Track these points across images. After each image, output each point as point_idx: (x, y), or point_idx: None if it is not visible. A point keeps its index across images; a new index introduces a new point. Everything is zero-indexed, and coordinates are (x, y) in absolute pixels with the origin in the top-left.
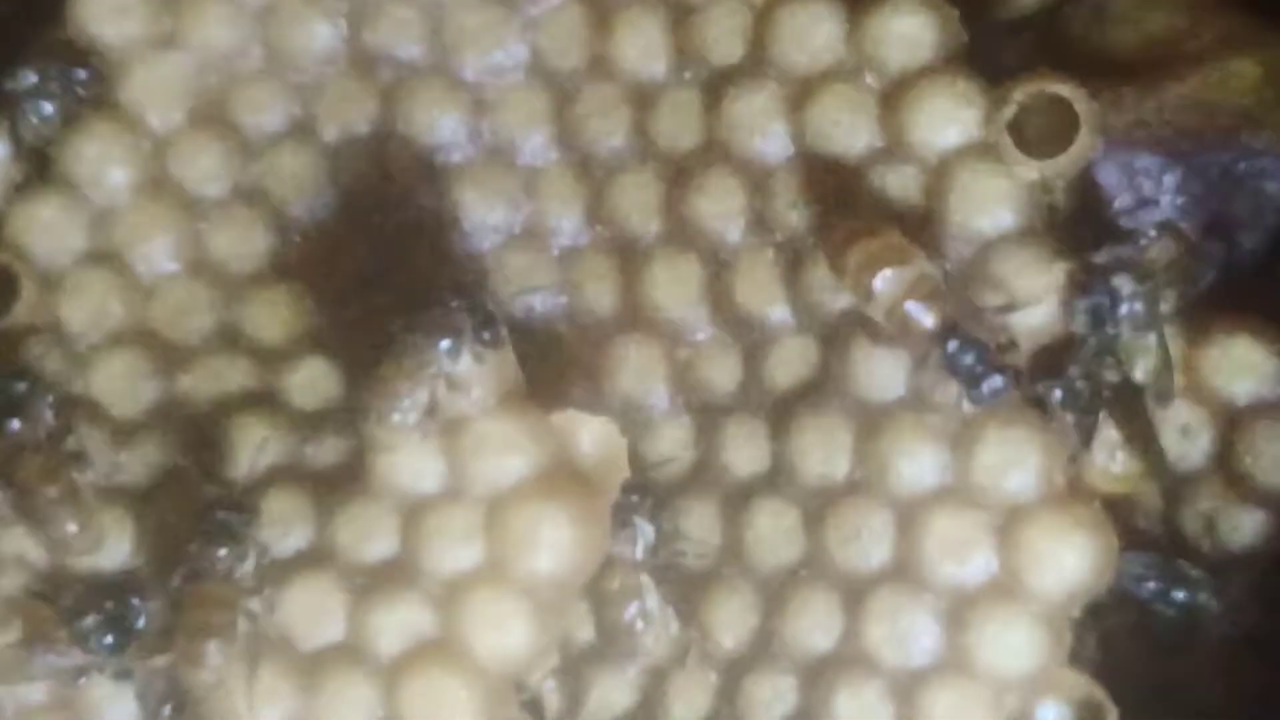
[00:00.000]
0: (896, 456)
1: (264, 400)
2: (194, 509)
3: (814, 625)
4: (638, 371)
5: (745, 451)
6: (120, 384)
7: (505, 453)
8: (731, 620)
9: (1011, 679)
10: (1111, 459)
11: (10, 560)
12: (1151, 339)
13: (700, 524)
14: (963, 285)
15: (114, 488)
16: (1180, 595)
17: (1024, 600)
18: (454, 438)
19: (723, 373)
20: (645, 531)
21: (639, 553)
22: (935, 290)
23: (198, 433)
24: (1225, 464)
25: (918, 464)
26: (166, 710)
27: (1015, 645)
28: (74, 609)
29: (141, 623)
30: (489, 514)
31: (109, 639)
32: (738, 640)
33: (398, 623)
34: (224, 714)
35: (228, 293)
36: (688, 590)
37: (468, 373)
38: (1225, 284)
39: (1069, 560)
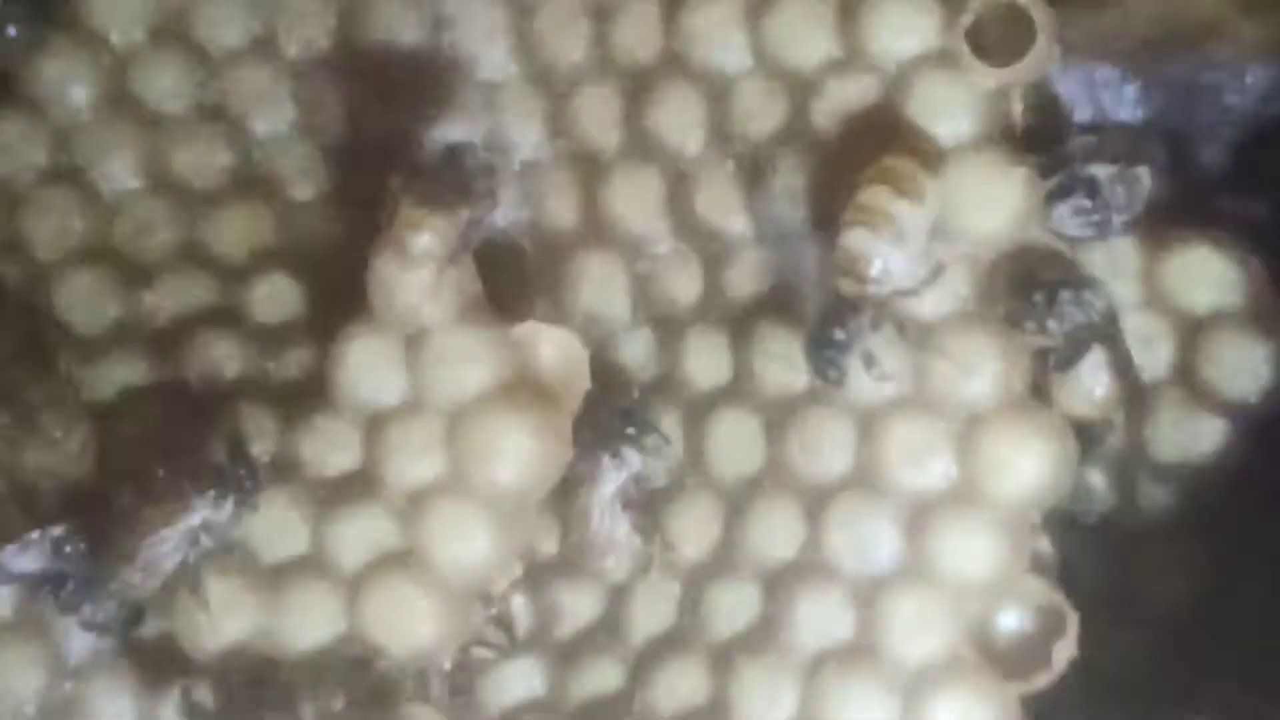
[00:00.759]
0: (856, 369)
1: (227, 316)
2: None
3: (775, 534)
4: (599, 284)
5: (706, 363)
6: (84, 301)
7: (466, 364)
8: (694, 530)
9: (972, 585)
10: (1096, 383)
11: None
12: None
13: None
14: None
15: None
16: None
17: (983, 506)
18: (415, 350)
19: (683, 285)
20: (633, 461)
21: (622, 480)
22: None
23: (161, 349)
24: (1186, 374)
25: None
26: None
27: (975, 551)
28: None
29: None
30: (450, 425)
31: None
32: (700, 550)
33: (360, 535)
34: (187, 627)
35: (190, 209)
36: (650, 501)
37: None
38: (1184, 196)
39: (1028, 466)
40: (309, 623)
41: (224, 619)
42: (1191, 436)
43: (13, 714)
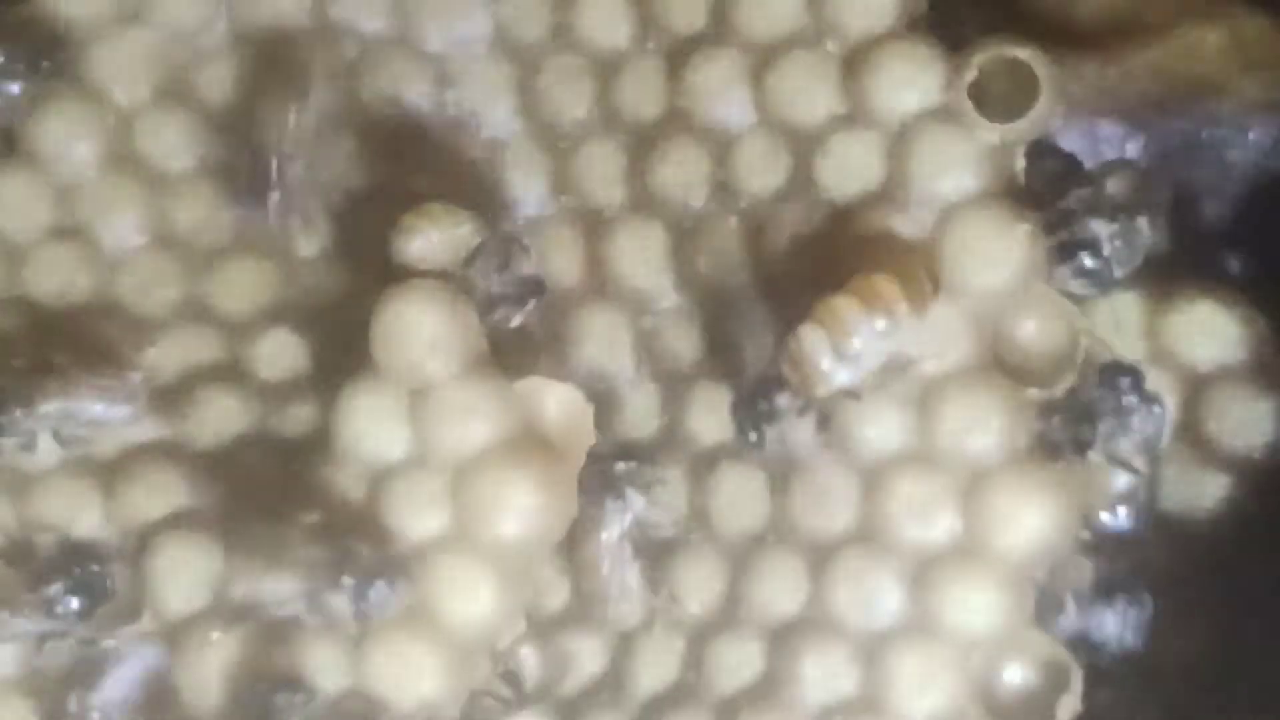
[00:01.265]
0: (860, 422)
1: (230, 372)
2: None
3: (780, 589)
4: (603, 341)
5: (710, 419)
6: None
7: (470, 419)
8: (698, 586)
9: (976, 640)
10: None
11: None
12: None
13: (669, 491)
14: None
15: (85, 458)
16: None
17: (988, 561)
18: (419, 405)
19: (687, 341)
20: (635, 503)
21: (628, 523)
22: None
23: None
24: (1190, 429)
25: (882, 429)
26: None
27: (979, 606)
28: (40, 573)
29: (108, 589)
30: (455, 480)
31: (75, 604)
32: (704, 606)
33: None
34: (190, 685)
35: (194, 265)
36: (655, 557)
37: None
38: (1187, 251)
39: (1032, 521)
40: (315, 677)
41: (228, 680)
42: (1196, 490)
43: None
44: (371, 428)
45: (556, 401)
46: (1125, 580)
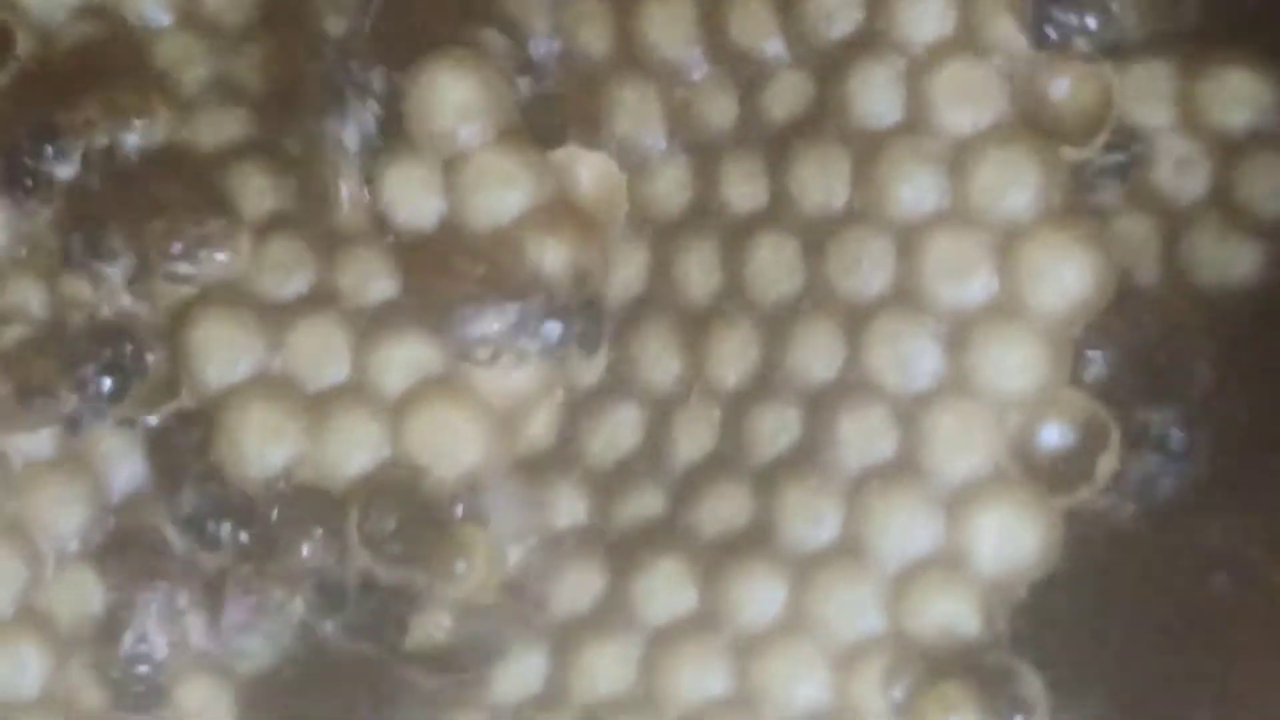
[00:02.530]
0: (894, 181)
1: (262, 149)
2: None
3: (816, 355)
4: (634, 113)
5: (743, 187)
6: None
7: (505, 186)
8: (733, 356)
9: (1014, 398)
10: None
11: (10, 311)
12: None
13: (699, 262)
14: None
15: None
16: None
17: (1025, 318)
18: (453, 173)
19: (719, 110)
20: None
21: None
22: None
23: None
24: (1223, 196)
25: (916, 188)
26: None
27: (1017, 364)
28: (73, 355)
29: (141, 368)
30: (491, 249)
31: (108, 385)
32: (740, 375)
33: (402, 360)
34: (230, 455)
35: (222, 43)
36: (690, 327)
37: None
38: (1220, 16)
39: (1069, 277)
40: (352, 449)
41: (267, 447)
42: (1228, 259)
43: (56, 552)
44: (405, 198)
45: (591, 171)
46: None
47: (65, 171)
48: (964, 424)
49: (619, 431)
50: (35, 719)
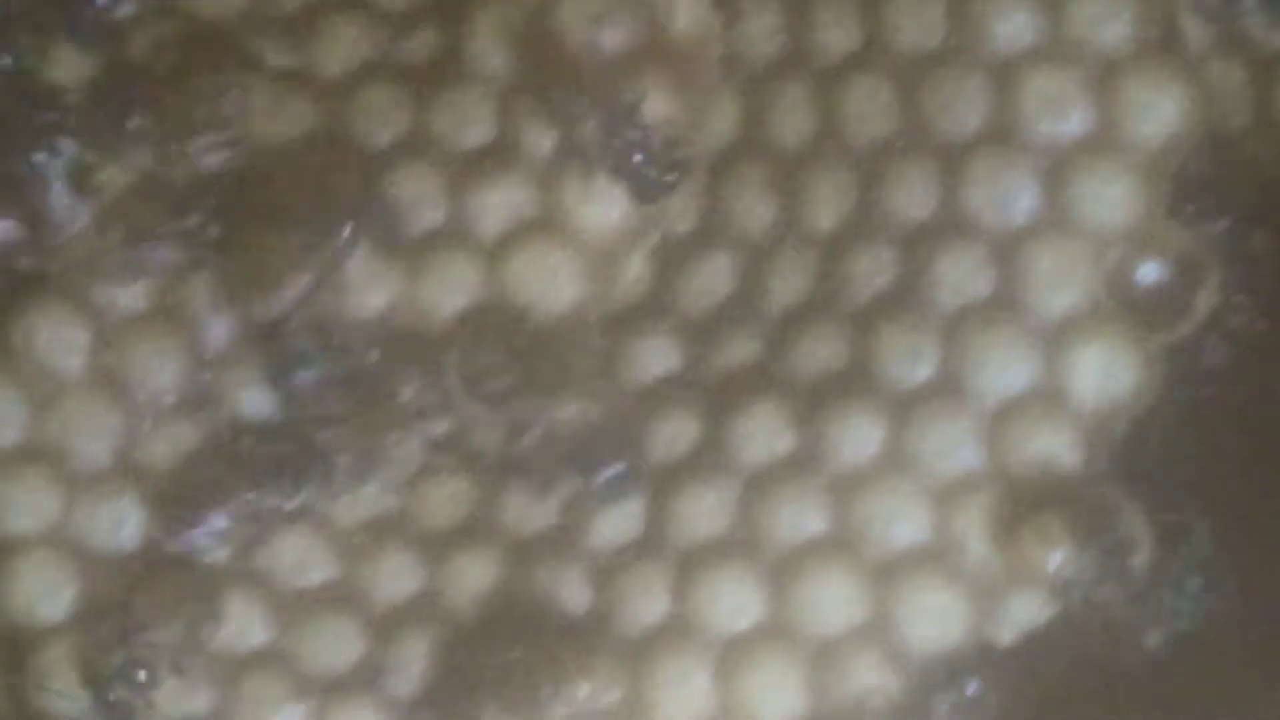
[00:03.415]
0: (990, 18)
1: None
2: None
3: (912, 195)
4: None
5: (836, 30)
6: None
7: (600, 14)
8: (829, 199)
9: (1112, 233)
10: None
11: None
12: None
13: (792, 107)
14: None
15: None
16: None
17: (1123, 152)
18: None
19: None
20: None
21: None
22: None
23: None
24: None
25: (1011, 24)
26: None
27: (1115, 198)
28: (179, 203)
29: None
30: None
31: (217, 232)
32: (836, 218)
33: (498, 203)
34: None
35: None
36: (784, 173)
37: None
38: None
39: (1167, 109)
40: (450, 291)
41: (365, 290)
42: None
43: (153, 407)
44: (496, 45)
45: (685, 12)
46: None
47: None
48: (1062, 260)
49: (712, 279)
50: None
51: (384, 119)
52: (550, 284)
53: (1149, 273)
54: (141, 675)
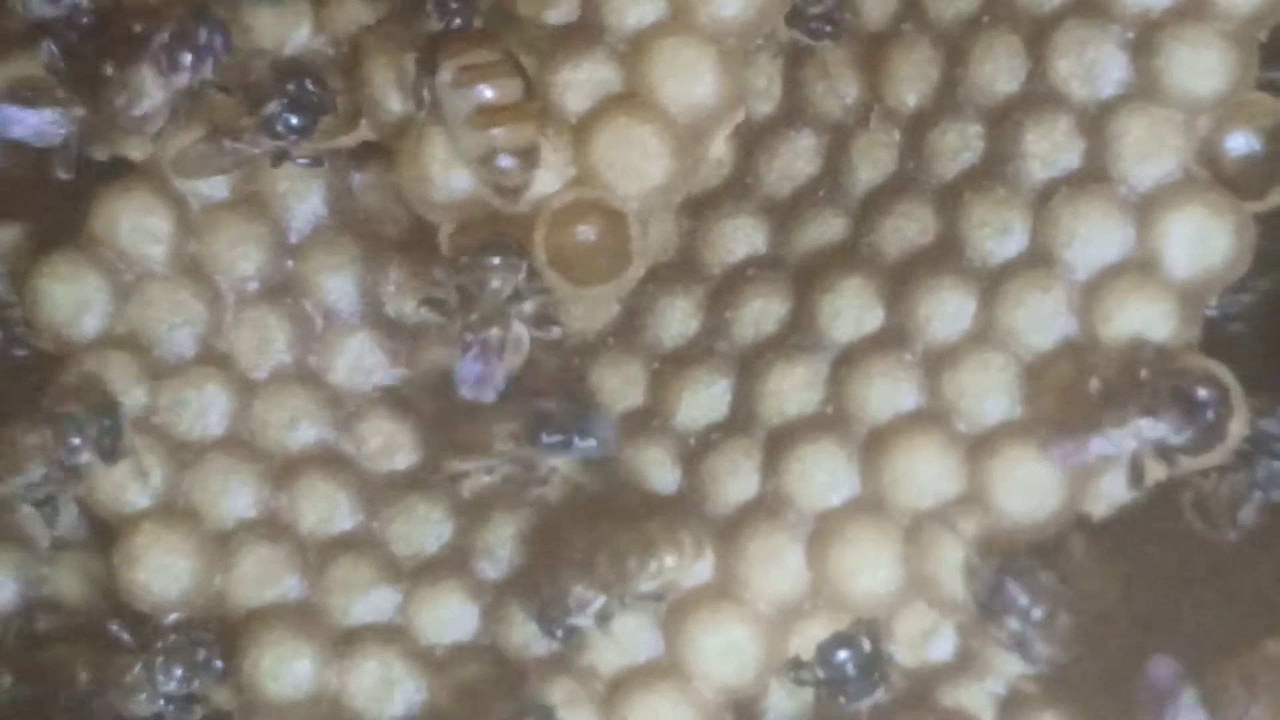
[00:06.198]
0: None
1: None
2: None
3: (998, 69)
4: None
5: None
6: None
7: None
8: (912, 76)
9: (1203, 101)
10: None
11: None
12: None
13: None
14: None
15: None
16: None
17: (1213, 19)
18: None
19: None
20: None
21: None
22: None
23: None
24: None
25: None
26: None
27: (1206, 65)
28: (257, 93)
29: (326, 102)
30: None
31: (295, 120)
32: (920, 95)
33: (583, 79)
34: (413, 178)
35: None
36: (868, 51)
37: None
38: None
39: None
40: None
41: (450, 172)
42: None
43: (236, 292)
44: None
45: None
46: None
47: None
48: (1152, 129)
49: (795, 159)
50: (220, 457)
51: None
52: (636, 161)
53: (1239, 142)
54: None
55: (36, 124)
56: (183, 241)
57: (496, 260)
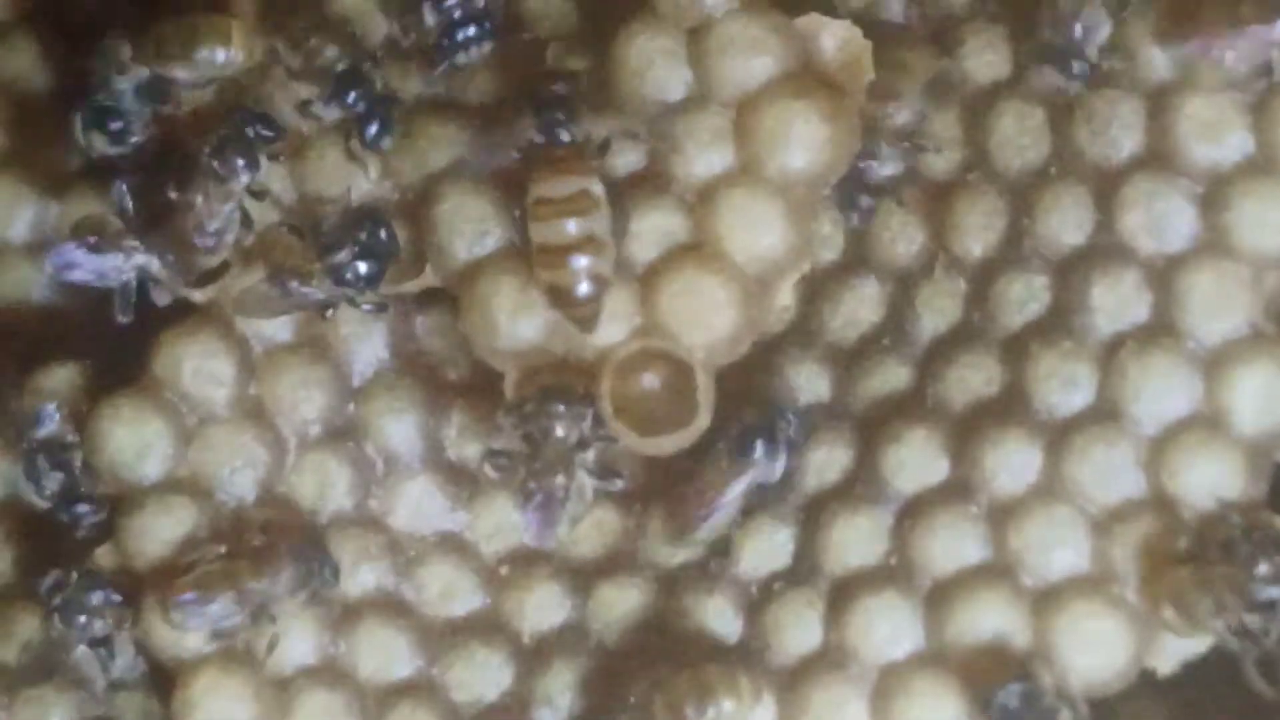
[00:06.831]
0: (1147, 45)
1: None
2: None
3: (1065, 220)
4: None
5: (985, 56)
6: None
7: (752, 53)
8: (979, 225)
9: (1271, 257)
10: None
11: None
12: None
13: (942, 134)
14: None
15: None
16: None
17: None
18: (698, 42)
19: None
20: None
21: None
22: None
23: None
24: None
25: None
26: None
27: (1275, 221)
28: (327, 240)
29: (392, 249)
30: (739, 116)
31: (364, 268)
32: (986, 245)
33: (650, 229)
34: (480, 328)
35: None
36: (934, 200)
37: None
38: None
39: None
40: (607, 316)
41: (517, 320)
42: None
43: (298, 435)
44: (651, 70)
45: (834, 38)
46: None
47: None
48: (1220, 284)
49: (860, 307)
50: None
51: None
52: (703, 311)
53: None
54: None
55: (98, 267)
56: (245, 384)
57: (562, 408)
